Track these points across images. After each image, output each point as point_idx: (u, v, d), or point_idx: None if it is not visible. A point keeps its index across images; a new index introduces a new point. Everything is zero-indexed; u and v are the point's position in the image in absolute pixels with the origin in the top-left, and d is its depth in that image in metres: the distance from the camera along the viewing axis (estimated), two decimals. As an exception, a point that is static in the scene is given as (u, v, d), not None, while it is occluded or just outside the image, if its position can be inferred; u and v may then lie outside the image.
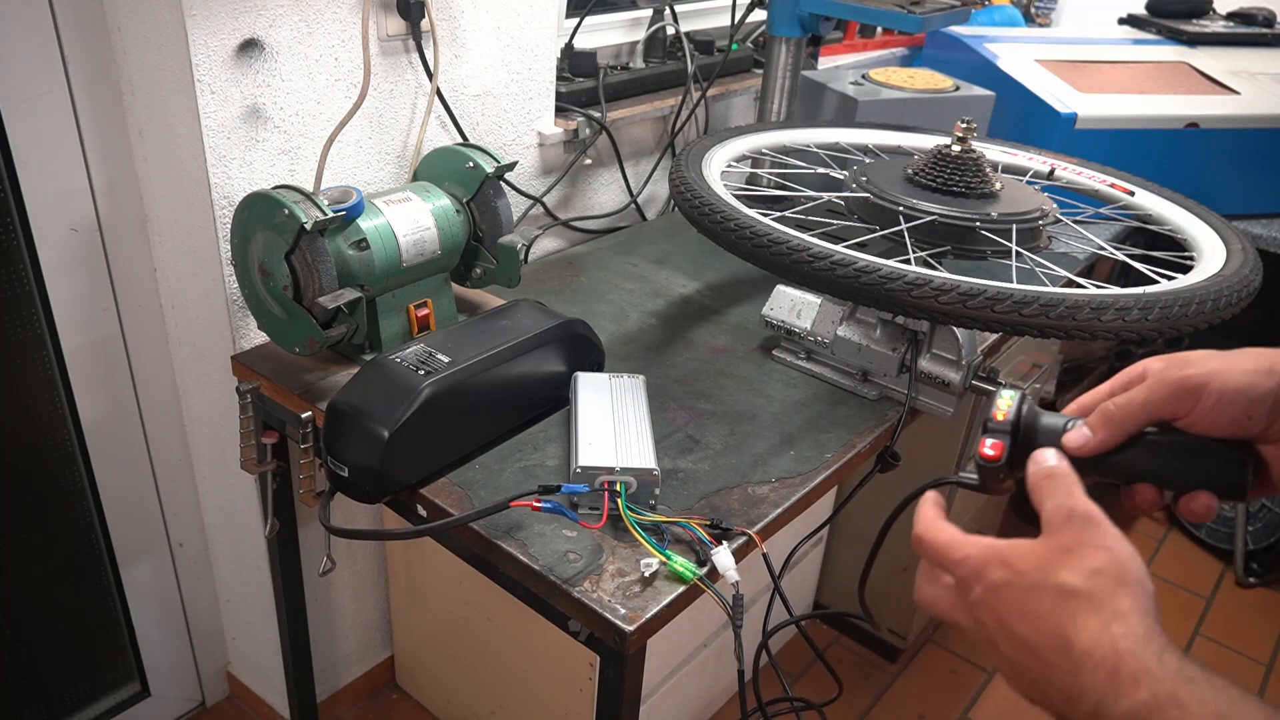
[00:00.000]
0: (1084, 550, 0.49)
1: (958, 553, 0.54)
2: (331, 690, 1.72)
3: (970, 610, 0.53)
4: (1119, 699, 0.45)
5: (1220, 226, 1.20)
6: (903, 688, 1.96)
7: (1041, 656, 0.49)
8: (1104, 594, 0.48)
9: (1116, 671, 0.45)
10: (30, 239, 1.22)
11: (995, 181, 1.21)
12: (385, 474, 0.96)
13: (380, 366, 1.00)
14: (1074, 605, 0.48)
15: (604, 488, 0.94)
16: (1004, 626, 0.51)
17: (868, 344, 1.18)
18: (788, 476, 1.05)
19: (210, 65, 1.12)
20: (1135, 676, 0.45)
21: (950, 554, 0.54)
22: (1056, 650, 0.48)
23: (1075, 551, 0.49)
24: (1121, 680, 0.45)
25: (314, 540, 1.46)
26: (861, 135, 1.49)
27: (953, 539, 0.55)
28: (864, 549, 1.98)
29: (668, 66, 1.79)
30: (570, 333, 1.13)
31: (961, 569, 0.54)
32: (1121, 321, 0.93)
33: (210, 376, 1.36)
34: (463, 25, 1.38)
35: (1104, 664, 0.46)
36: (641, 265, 1.56)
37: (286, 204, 1.02)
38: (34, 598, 1.45)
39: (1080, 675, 0.46)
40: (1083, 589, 0.48)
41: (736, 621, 0.89)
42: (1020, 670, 0.51)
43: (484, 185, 1.22)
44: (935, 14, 1.48)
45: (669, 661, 1.54)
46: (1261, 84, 2.00)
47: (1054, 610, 0.48)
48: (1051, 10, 2.76)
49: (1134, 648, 0.46)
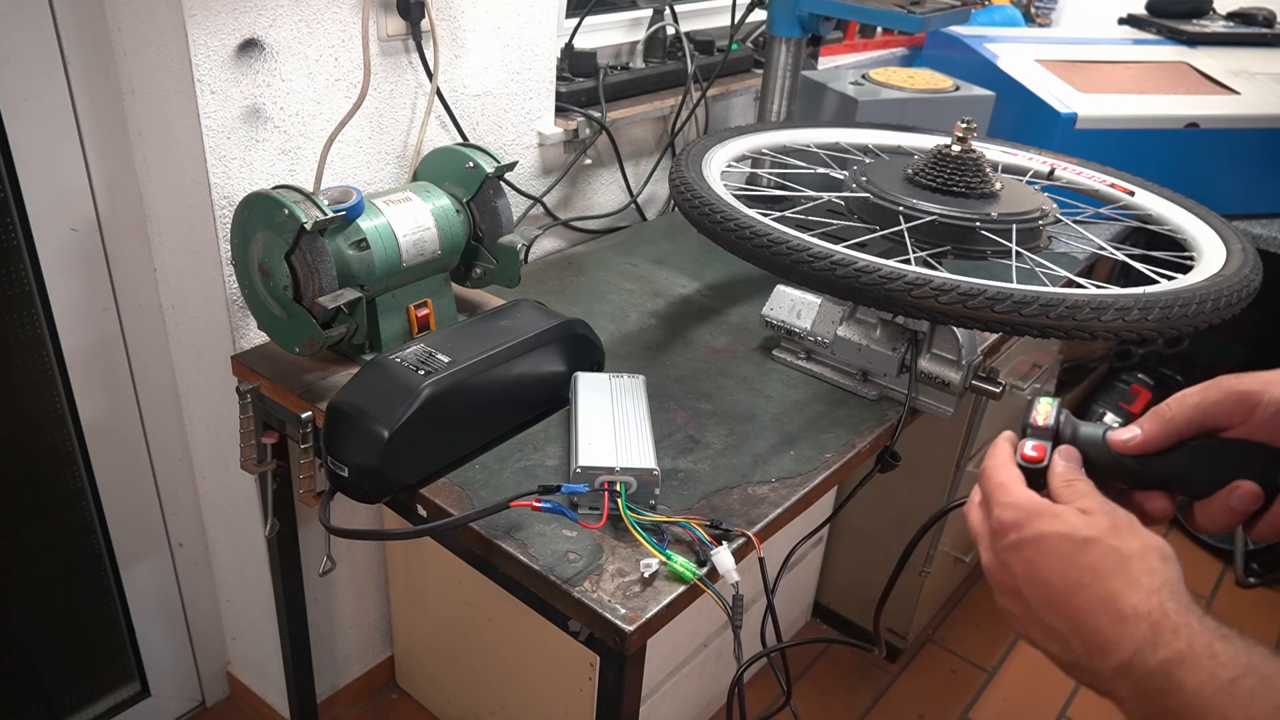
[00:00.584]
0: (1134, 528, 0.53)
1: (1008, 496, 0.57)
2: (331, 690, 1.72)
3: (997, 553, 0.56)
4: (1157, 648, 0.47)
5: (1220, 226, 1.20)
6: (903, 688, 1.96)
7: (1077, 606, 0.51)
8: (1155, 565, 0.51)
9: (1159, 625, 0.48)
10: (30, 239, 1.22)
11: (995, 181, 1.21)
12: (385, 474, 0.96)
13: (380, 366, 1.00)
14: (1130, 567, 0.51)
15: (604, 488, 0.94)
16: (1034, 573, 0.53)
17: (868, 344, 1.18)
18: (788, 476, 1.05)
19: (210, 65, 1.12)
20: (1175, 628, 0.48)
21: (1002, 495, 0.57)
22: (1102, 602, 0.50)
23: (1126, 528, 0.53)
24: (1162, 631, 0.48)
25: (314, 540, 1.46)
26: (862, 135, 1.49)
27: (1010, 482, 0.58)
28: (864, 549, 2.00)
29: (668, 66, 1.79)
30: (570, 333, 1.13)
31: (1005, 513, 0.56)
32: (1121, 321, 0.93)
33: (210, 376, 1.36)
34: (463, 25, 1.38)
35: (1148, 617, 0.48)
36: (641, 265, 1.56)
37: (286, 204, 1.02)
38: (34, 598, 1.45)
39: (1122, 627, 0.49)
40: (1137, 555, 0.51)
41: (736, 622, 0.89)
42: (1039, 618, 0.53)
43: (484, 185, 1.22)
44: (935, 14, 1.48)
45: (669, 661, 1.54)
46: (1261, 84, 2.00)
47: (1106, 566, 0.51)
48: (1051, 10, 2.76)
49: (1179, 608, 0.49)
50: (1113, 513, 0.54)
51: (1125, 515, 0.54)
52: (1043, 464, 0.59)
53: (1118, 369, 2.60)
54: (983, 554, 0.58)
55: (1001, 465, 0.59)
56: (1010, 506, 0.56)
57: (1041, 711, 1.93)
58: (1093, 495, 0.55)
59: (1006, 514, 0.56)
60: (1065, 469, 0.58)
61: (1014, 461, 0.59)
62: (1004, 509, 0.56)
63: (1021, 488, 0.57)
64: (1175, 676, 0.46)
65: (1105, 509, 0.54)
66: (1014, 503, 0.56)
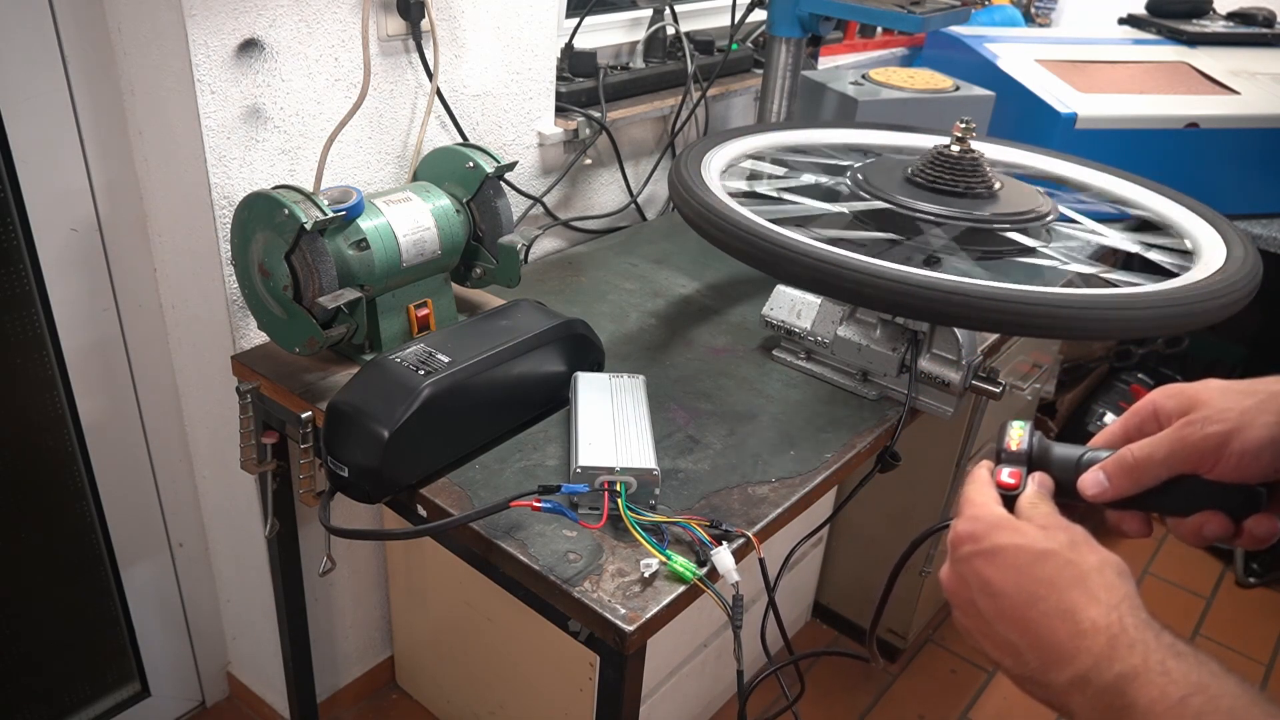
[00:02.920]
0: (1091, 544, 0.54)
1: (970, 509, 0.57)
2: (331, 690, 1.72)
3: (954, 565, 0.57)
4: (1114, 662, 0.48)
5: (1220, 226, 1.19)
6: (903, 688, 1.96)
7: (1034, 619, 0.51)
8: (1112, 580, 0.51)
9: (1117, 639, 0.49)
10: (30, 239, 1.22)
11: (995, 181, 1.21)
12: (385, 474, 0.96)
13: (380, 366, 1.00)
14: (1088, 581, 0.51)
15: (604, 488, 0.94)
16: (990, 585, 0.54)
17: (868, 344, 1.18)
18: (788, 476, 1.05)
19: (210, 65, 1.12)
20: (1132, 643, 0.48)
21: (968, 508, 0.58)
22: (1060, 615, 0.50)
23: (1084, 544, 0.53)
24: (1119, 645, 0.48)
25: (314, 540, 1.46)
26: (862, 135, 1.49)
27: (976, 497, 0.58)
28: (864, 549, 2.00)
29: (668, 66, 1.79)
30: (570, 333, 1.13)
31: (964, 525, 0.57)
32: (1121, 321, 0.93)
33: (210, 376, 1.36)
34: (463, 25, 1.38)
35: (1106, 631, 0.49)
36: (641, 265, 1.56)
37: (286, 204, 1.02)
38: (34, 598, 1.45)
39: (1080, 640, 0.49)
40: (1095, 569, 0.52)
41: (736, 622, 0.89)
42: (995, 631, 0.54)
43: (484, 185, 1.22)
44: (935, 14, 1.48)
45: (669, 661, 1.54)
46: (1261, 84, 2.00)
47: (1064, 580, 0.51)
48: (1051, 10, 2.76)
49: (1138, 623, 0.49)
50: (1070, 529, 0.54)
51: (1082, 532, 0.54)
52: (1018, 490, 0.59)
53: (1118, 369, 2.60)
54: (942, 569, 0.58)
55: (979, 486, 0.59)
56: (972, 519, 0.56)
57: (1041, 712, 1.93)
58: (1054, 515, 0.56)
59: (964, 526, 0.56)
60: (1032, 493, 0.58)
61: (991, 484, 0.59)
62: (964, 521, 0.57)
63: (985, 502, 0.57)
64: (1128, 692, 0.47)
65: (1063, 525, 0.55)
66: (975, 515, 0.56)
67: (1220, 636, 2.12)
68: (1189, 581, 2.29)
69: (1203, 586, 2.28)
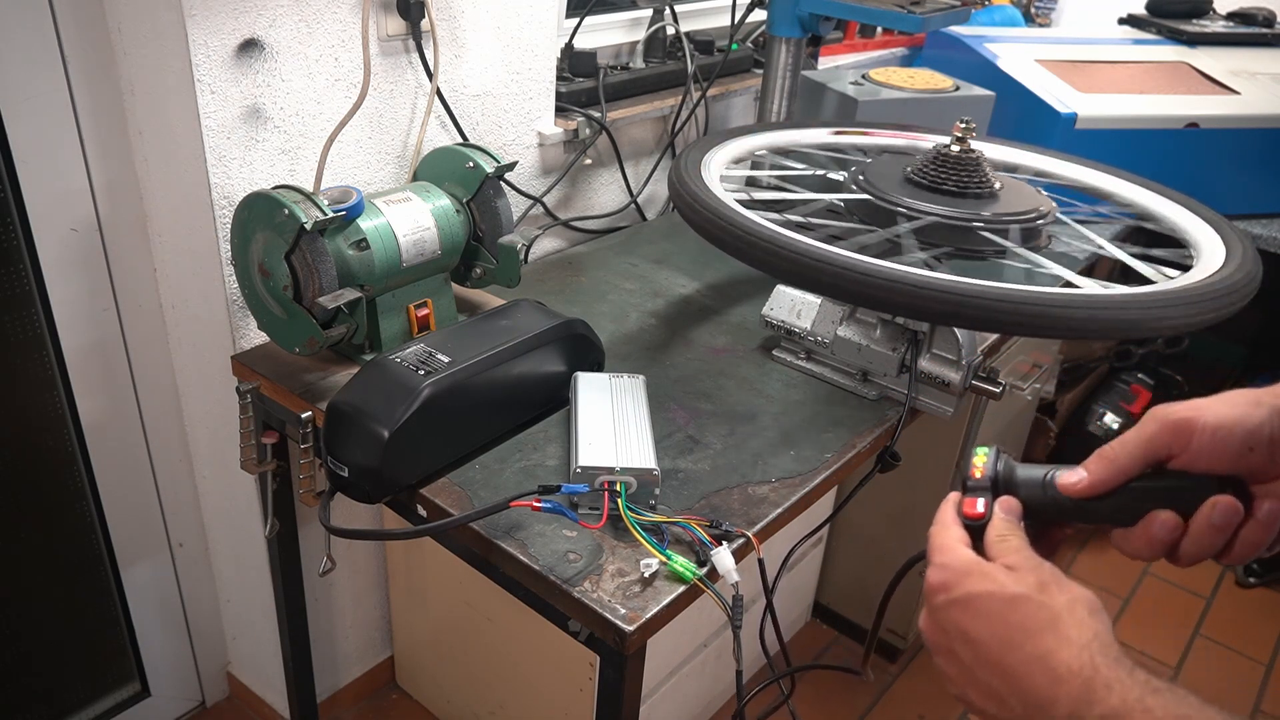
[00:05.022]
0: (1061, 583, 0.54)
1: (941, 557, 0.57)
2: (331, 690, 1.72)
3: (931, 613, 0.57)
4: (1092, 705, 0.48)
5: (1220, 226, 1.19)
6: (903, 688, 1.96)
7: (1012, 666, 0.52)
8: (1083, 619, 0.52)
9: (1091, 681, 0.49)
10: (30, 239, 1.22)
11: (995, 181, 1.21)
12: (385, 474, 0.96)
13: (380, 366, 1.00)
14: (1060, 623, 0.51)
15: (604, 488, 0.94)
16: (966, 633, 0.54)
17: (868, 344, 1.18)
18: (788, 476, 1.05)
19: (210, 65, 1.12)
20: (1108, 684, 0.49)
21: (937, 557, 0.58)
22: (1036, 661, 0.51)
23: (1053, 584, 0.54)
24: (1095, 688, 0.49)
25: (314, 540, 1.46)
26: (861, 135, 1.49)
27: (947, 543, 0.58)
28: (864, 549, 1.99)
29: (668, 66, 1.79)
30: (570, 333, 1.13)
31: (935, 575, 0.57)
32: (1121, 321, 0.93)
33: (210, 376, 1.36)
34: (463, 25, 1.38)
35: (1080, 674, 0.49)
36: (641, 265, 1.56)
37: (286, 204, 1.02)
38: (34, 598, 1.45)
39: (1058, 687, 0.50)
40: (1065, 610, 0.52)
41: (736, 622, 0.89)
42: (977, 678, 0.54)
43: (484, 185, 1.22)
44: (935, 14, 1.48)
45: (669, 661, 1.54)
46: (1261, 84, 2.00)
47: (1036, 624, 0.52)
48: (1051, 10, 2.76)
49: (1109, 663, 0.50)
50: (1039, 569, 0.55)
51: (1051, 569, 0.55)
52: (985, 519, 0.59)
53: (1118, 369, 2.59)
54: (921, 617, 0.58)
55: (943, 529, 0.59)
56: (941, 568, 0.57)
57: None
58: (1023, 550, 0.56)
59: (936, 575, 0.57)
60: (1000, 523, 0.58)
61: (957, 522, 0.59)
62: (935, 570, 0.57)
63: (958, 548, 0.57)
64: None
65: (1032, 565, 0.55)
66: (945, 564, 0.57)
67: (1220, 636, 2.11)
68: (1189, 582, 2.29)
69: (1203, 586, 2.28)
